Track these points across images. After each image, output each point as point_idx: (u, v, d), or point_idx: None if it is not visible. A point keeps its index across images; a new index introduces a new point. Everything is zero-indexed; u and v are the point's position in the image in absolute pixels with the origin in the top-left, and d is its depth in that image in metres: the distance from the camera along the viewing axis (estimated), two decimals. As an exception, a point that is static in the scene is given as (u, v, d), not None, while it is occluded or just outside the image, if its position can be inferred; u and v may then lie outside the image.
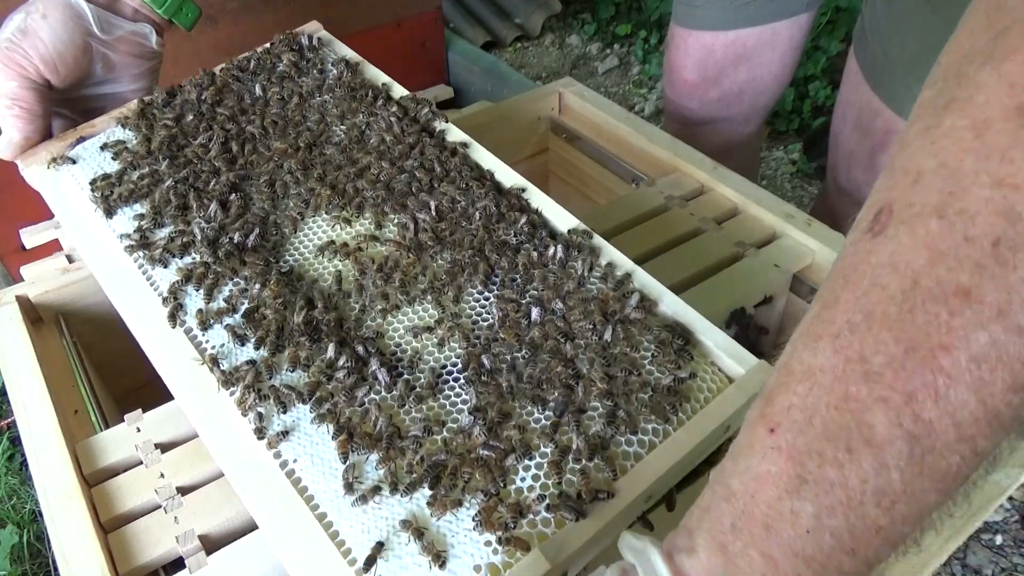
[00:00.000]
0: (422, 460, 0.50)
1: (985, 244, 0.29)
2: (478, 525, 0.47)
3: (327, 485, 0.51)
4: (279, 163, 0.74)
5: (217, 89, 0.81)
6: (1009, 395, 0.30)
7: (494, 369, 0.56)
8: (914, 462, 0.32)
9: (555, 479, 0.49)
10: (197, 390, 0.57)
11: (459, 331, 0.59)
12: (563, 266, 0.62)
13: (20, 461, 1.36)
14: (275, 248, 0.67)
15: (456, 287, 0.62)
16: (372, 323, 0.61)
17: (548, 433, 0.51)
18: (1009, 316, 0.29)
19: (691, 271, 0.81)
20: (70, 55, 0.75)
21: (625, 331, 0.57)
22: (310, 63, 0.84)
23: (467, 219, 0.67)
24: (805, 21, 1.11)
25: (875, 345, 0.32)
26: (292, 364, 0.57)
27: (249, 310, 0.61)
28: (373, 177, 0.72)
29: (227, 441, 0.55)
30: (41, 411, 0.66)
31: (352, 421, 0.54)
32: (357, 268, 0.65)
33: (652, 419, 0.52)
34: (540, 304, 0.59)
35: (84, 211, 0.72)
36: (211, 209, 0.69)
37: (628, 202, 0.90)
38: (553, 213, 0.69)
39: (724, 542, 0.36)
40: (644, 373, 0.55)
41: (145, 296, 0.64)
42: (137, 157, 0.74)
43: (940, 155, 0.32)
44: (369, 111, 0.77)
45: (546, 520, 0.47)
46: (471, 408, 0.53)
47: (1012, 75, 0.30)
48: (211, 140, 0.76)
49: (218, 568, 0.55)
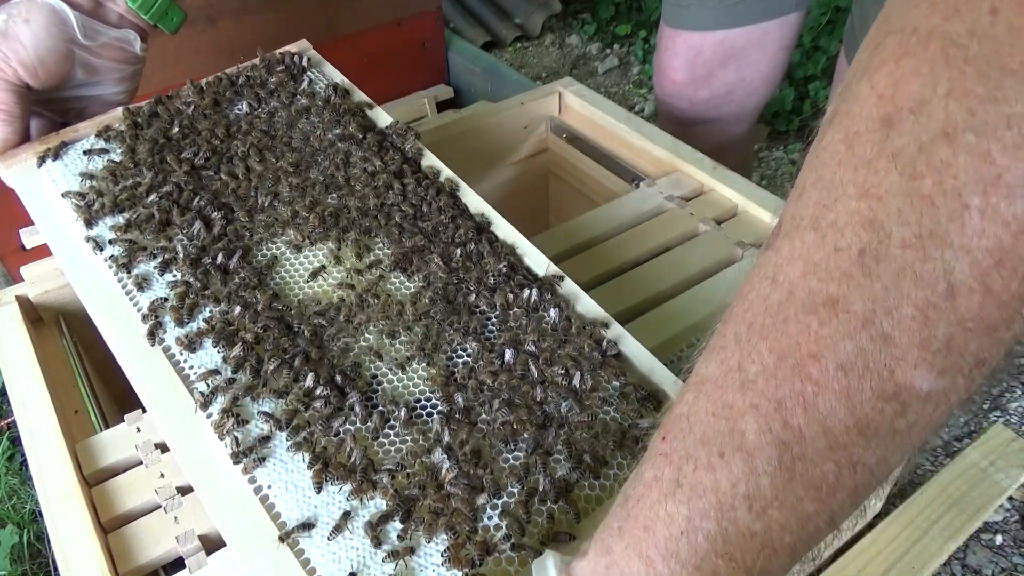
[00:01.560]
0: (396, 493, 0.51)
1: (852, 254, 0.30)
2: (446, 561, 0.48)
3: (301, 513, 0.51)
4: (264, 184, 0.74)
5: (204, 104, 0.81)
6: (879, 403, 0.30)
7: (467, 407, 0.56)
8: (784, 468, 0.32)
9: (522, 518, 0.50)
10: (175, 412, 0.57)
11: (435, 367, 0.59)
12: (536, 310, 0.63)
13: (20, 461, 1.36)
14: (257, 271, 0.67)
15: (435, 323, 0.62)
16: (351, 353, 0.61)
17: (518, 474, 0.52)
18: (874, 325, 0.30)
19: (691, 271, 0.81)
20: (51, 60, 0.74)
21: (594, 378, 0.58)
22: (298, 83, 0.84)
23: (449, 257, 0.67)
24: (794, 21, 1.11)
25: (752, 355, 0.33)
26: (270, 391, 0.57)
27: (229, 333, 0.61)
28: (357, 206, 0.72)
29: (202, 463, 0.55)
30: (41, 411, 0.66)
31: (328, 451, 0.54)
32: (339, 297, 0.65)
33: (614, 465, 0.54)
34: (514, 346, 0.60)
35: (64, 219, 0.72)
36: (195, 227, 0.68)
37: (628, 202, 0.90)
38: (527, 253, 0.69)
39: (610, 544, 0.37)
40: (609, 421, 0.56)
41: (124, 312, 0.64)
42: (120, 168, 0.74)
43: (819, 169, 0.33)
44: (353, 138, 0.77)
45: (511, 559, 0.48)
46: (444, 446, 0.53)
47: (880, 86, 0.30)
48: (196, 155, 0.75)
49: (218, 568, 0.55)
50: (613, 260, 0.82)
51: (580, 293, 0.65)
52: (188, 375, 0.60)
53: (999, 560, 1.21)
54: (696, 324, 0.78)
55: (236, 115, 0.81)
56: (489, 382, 0.58)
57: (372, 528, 0.50)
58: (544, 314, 0.63)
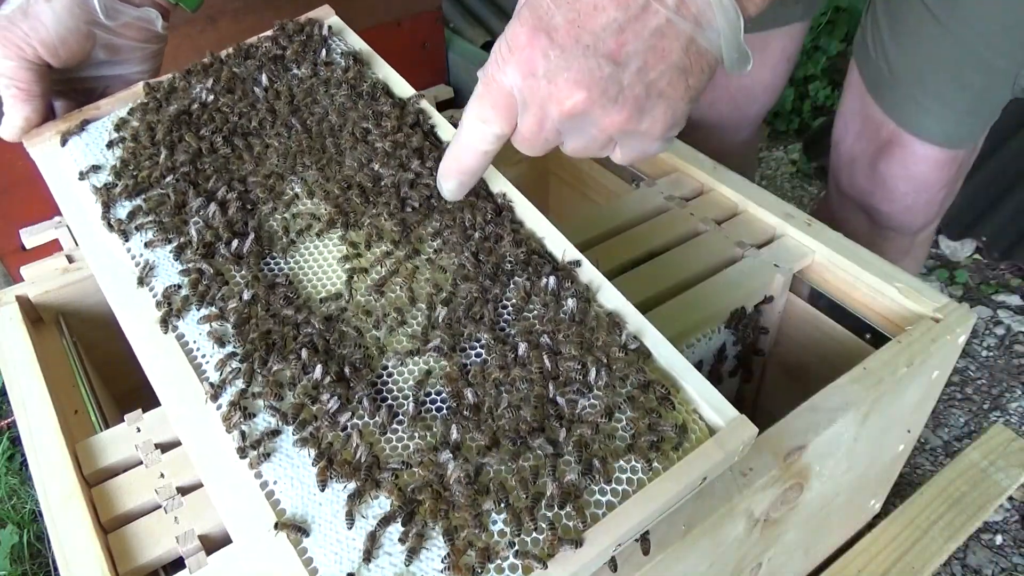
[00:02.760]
0: (400, 492, 0.50)
1: None
2: (447, 568, 0.47)
3: (305, 509, 0.51)
4: (281, 163, 0.73)
5: (223, 77, 0.79)
6: None
7: (477, 404, 0.55)
8: None
9: (528, 525, 0.49)
10: (185, 401, 0.57)
11: (447, 360, 0.58)
12: (556, 299, 0.61)
13: (20, 461, 1.36)
14: (270, 257, 0.66)
15: (448, 311, 0.61)
16: (362, 346, 0.59)
17: (526, 478, 0.51)
18: None
19: (691, 271, 0.81)
20: (72, 40, 0.74)
21: (609, 375, 0.56)
22: (318, 55, 0.81)
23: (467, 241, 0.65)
24: (798, 31, 1.11)
25: None
26: (279, 383, 0.57)
27: (239, 321, 0.60)
28: (371, 189, 0.69)
29: (210, 455, 0.55)
30: (41, 411, 0.66)
31: (333, 447, 0.53)
32: (353, 287, 0.63)
33: (627, 468, 0.52)
34: (527, 338, 0.58)
35: (84, 200, 0.72)
36: (210, 210, 0.68)
37: (628, 202, 0.90)
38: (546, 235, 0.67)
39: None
40: (625, 420, 0.54)
41: (139, 297, 0.64)
42: (139, 147, 0.73)
43: None
44: (376, 115, 0.75)
45: (513, 566, 0.48)
46: (452, 446, 0.52)
47: None
48: (214, 133, 0.74)
49: (218, 568, 0.55)
50: (613, 260, 0.82)
51: (602, 280, 0.63)
52: (200, 364, 0.59)
53: (999, 560, 1.21)
54: (696, 324, 0.78)
55: (254, 91, 0.79)
56: (500, 376, 0.56)
57: (373, 538, 0.49)
58: (563, 304, 0.60)
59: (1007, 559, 1.21)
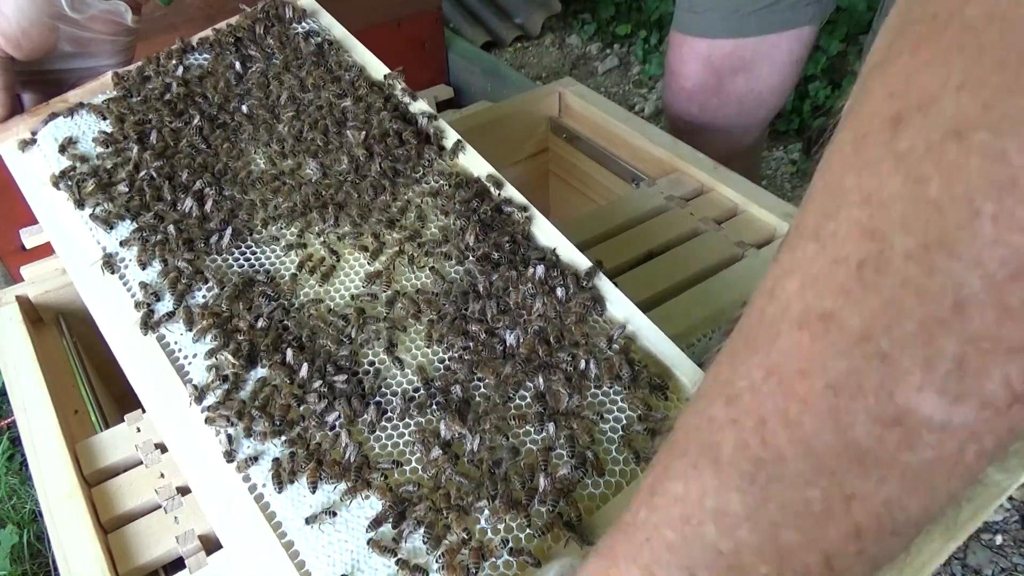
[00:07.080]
0: (390, 491, 0.50)
1: (851, 266, 0.27)
2: (442, 568, 0.47)
3: (295, 512, 0.51)
4: (256, 154, 0.71)
5: (192, 63, 0.78)
6: (877, 428, 0.27)
7: (467, 398, 0.55)
8: (757, 487, 0.30)
9: (521, 522, 0.48)
10: (169, 406, 0.57)
11: (439, 347, 0.57)
12: (546, 289, 0.60)
13: (20, 461, 1.36)
14: (247, 252, 0.65)
15: (436, 307, 0.60)
16: (347, 342, 0.59)
17: (520, 472, 0.50)
18: (870, 342, 0.27)
19: (691, 271, 0.81)
20: (35, 32, 0.73)
21: (606, 365, 0.55)
22: (291, 38, 0.80)
23: None
24: (807, 35, 1.10)
25: (742, 370, 0.31)
26: (264, 384, 0.56)
27: (222, 320, 0.59)
28: (346, 177, 0.68)
29: (196, 459, 0.54)
30: (41, 411, 0.66)
31: (322, 448, 0.53)
32: (334, 282, 0.63)
33: (620, 460, 0.52)
34: (517, 329, 0.58)
35: (55, 198, 0.71)
36: (186, 205, 0.66)
37: (628, 202, 0.90)
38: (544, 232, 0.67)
39: (600, 545, 0.38)
40: (616, 411, 0.54)
41: (118, 298, 0.64)
42: (110, 139, 0.72)
43: (826, 174, 0.30)
44: (348, 97, 0.73)
45: (508, 563, 0.47)
46: (441, 443, 0.52)
47: (892, 82, 0.27)
48: (187, 124, 0.73)
49: (218, 568, 0.55)
50: (613, 260, 0.82)
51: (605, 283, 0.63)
52: (183, 365, 0.59)
53: (999, 560, 1.21)
54: (696, 324, 0.78)
55: (227, 75, 0.78)
56: (492, 372, 0.56)
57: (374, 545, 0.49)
58: (554, 293, 0.60)
59: (1007, 559, 1.21)
